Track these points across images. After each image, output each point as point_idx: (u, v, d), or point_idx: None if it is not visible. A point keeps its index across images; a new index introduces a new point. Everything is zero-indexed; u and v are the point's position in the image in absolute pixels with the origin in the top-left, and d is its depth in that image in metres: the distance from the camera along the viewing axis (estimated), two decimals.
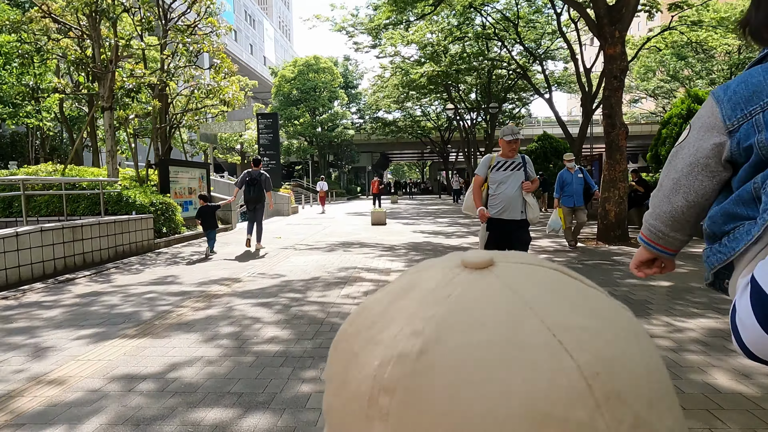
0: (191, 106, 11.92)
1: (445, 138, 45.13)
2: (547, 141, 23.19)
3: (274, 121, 20.08)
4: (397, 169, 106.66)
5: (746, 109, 0.92)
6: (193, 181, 11.93)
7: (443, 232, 12.12)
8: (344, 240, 10.58)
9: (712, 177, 1.01)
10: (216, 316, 4.54)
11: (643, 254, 1.21)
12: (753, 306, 0.79)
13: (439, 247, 9.16)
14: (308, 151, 37.90)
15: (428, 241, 10.23)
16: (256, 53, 69.06)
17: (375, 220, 14.42)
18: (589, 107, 17.21)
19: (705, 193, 1.02)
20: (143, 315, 4.66)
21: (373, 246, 9.50)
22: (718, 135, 0.98)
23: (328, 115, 37.57)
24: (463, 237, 10.89)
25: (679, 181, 1.06)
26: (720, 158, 0.99)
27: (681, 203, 1.06)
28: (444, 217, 17.21)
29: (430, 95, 31.37)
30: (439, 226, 13.87)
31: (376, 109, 43.00)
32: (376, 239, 10.63)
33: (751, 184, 0.91)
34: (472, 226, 13.34)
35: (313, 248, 9.34)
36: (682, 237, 1.13)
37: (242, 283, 6.15)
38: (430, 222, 15.30)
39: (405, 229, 12.82)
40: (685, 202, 1.05)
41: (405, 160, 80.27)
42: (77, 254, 6.93)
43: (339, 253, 8.53)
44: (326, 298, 5.22)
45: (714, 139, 0.99)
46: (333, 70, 38.05)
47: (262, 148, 20.14)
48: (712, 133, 0.99)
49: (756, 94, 0.90)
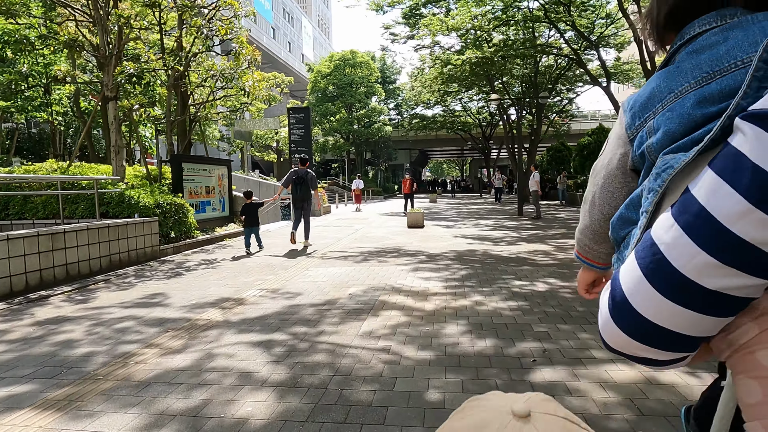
0: (205, 94, 10.85)
1: (487, 134, 43.15)
2: (602, 134, 21.17)
3: (305, 116, 18.97)
4: (435, 167, 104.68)
5: (642, 116, 0.91)
6: (211, 179, 10.88)
7: (489, 237, 10.60)
8: (376, 246, 9.25)
9: (621, 188, 1.02)
10: (184, 368, 3.29)
11: (583, 273, 1.25)
12: (609, 300, 0.81)
13: (487, 259, 7.69)
14: (344, 148, 36.84)
15: (473, 249, 8.77)
16: (295, 51, 68.90)
17: (412, 222, 13.03)
18: None
19: (617, 205, 1.02)
20: (93, 361, 3.47)
21: (408, 255, 8.12)
22: (624, 145, 0.99)
23: (365, 111, 36.36)
24: (513, 244, 9.37)
25: (595, 194, 1.08)
26: (626, 168, 1.00)
27: (597, 216, 1.08)
28: (487, 219, 15.63)
29: (472, 88, 29.63)
30: (482, 229, 12.35)
31: (415, 104, 41.52)
32: (413, 245, 9.25)
33: (640, 188, 0.90)
34: (522, 231, 11.75)
35: (340, 257, 8.05)
36: (607, 249, 1.14)
37: (243, 307, 4.91)
38: (472, 225, 13.79)
39: (445, 233, 11.37)
40: (600, 215, 1.07)
41: (444, 157, 78.39)
42: (58, 266, 5.88)
43: (368, 265, 7.20)
44: (341, 336, 3.89)
45: (621, 149, 0.99)
46: (370, 64, 36.81)
47: (293, 144, 19.09)
48: (619, 143, 1.00)
49: (650, 100, 0.90)
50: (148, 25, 8.52)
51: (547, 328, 3.94)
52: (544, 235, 10.66)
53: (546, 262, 7.21)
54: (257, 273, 6.72)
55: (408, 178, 18.69)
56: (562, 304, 4.71)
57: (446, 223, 14.38)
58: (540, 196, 15.09)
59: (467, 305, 4.72)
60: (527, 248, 8.64)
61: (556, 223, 13.36)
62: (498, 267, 6.84)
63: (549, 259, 7.41)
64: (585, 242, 1.17)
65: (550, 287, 5.46)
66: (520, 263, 7.12)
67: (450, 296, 5.12)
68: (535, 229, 12.03)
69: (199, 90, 12.02)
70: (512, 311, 4.48)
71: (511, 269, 6.64)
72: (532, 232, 11.36)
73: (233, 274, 6.71)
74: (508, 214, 17.18)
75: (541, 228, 12.18)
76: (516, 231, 11.63)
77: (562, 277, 6.01)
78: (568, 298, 4.92)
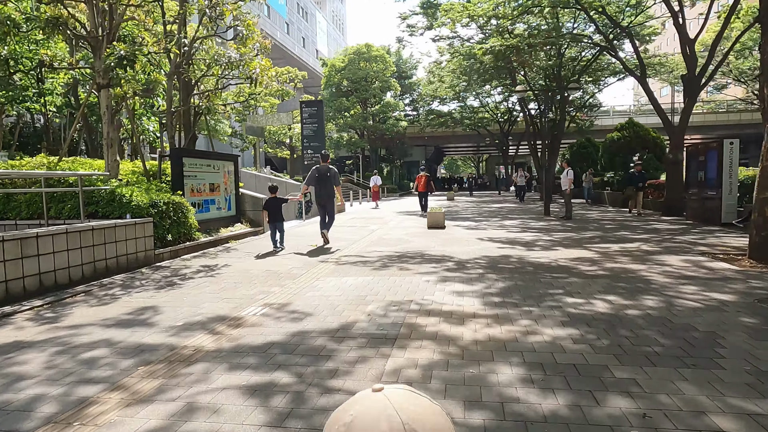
0: (211, 84, 10.00)
1: (505, 129, 41.91)
2: (632, 129, 19.97)
3: (318, 110, 18.10)
4: (450, 164, 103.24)
5: None
6: (217, 176, 10.06)
7: (519, 240, 9.62)
8: (396, 250, 8.33)
9: None
10: (148, 431, 2.41)
11: None
12: None
13: (525, 267, 6.73)
14: (359, 145, 35.93)
15: (505, 254, 7.80)
16: (309, 46, 68.26)
17: (432, 223, 12.09)
18: (695, 86, 14.03)
19: None
20: (37, 412, 2.61)
21: (433, 261, 7.19)
22: None
23: (380, 106, 35.40)
24: (549, 249, 8.39)
25: None
26: None
27: None
28: (512, 219, 14.60)
29: (492, 82, 28.51)
30: (509, 231, 11.35)
31: (432, 99, 40.44)
32: (436, 250, 8.31)
33: None
34: (554, 233, 10.73)
35: (356, 262, 7.15)
36: None
37: (240, 330, 4.03)
38: (497, 225, 12.79)
39: (469, 236, 10.41)
40: None
41: (460, 154, 77.19)
42: (29, 275, 5.06)
43: (388, 274, 6.29)
44: (359, 379, 2.98)
45: None
46: (385, 58, 35.83)
47: (306, 139, 18.24)
48: None
49: None
50: (141, 1, 7.68)
51: (631, 373, 2.99)
52: (581, 238, 9.65)
53: (595, 272, 6.22)
54: (261, 283, 5.85)
55: (423, 174, 16.27)
56: (637, 333, 3.75)
57: (468, 223, 13.41)
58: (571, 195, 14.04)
59: (516, 334, 3.78)
60: (567, 254, 7.65)
61: (589, 225, 12.31)
62: (540, 278, 5.88)
63: (597, 269, 6.42)
64: None
65: (612, 307, 4.49)
66: (565, 273, 6.14)
67: (492, 319, 4.19)
68: (568, 231, 11.01)
69: (204, 79, 11.18)
70: (576, 343, 3.53)
71: (558, 282, 5.68)
72: (566, 234, 10.35)
73: (234, 284, 5.85)
74: (534, 214, 16.14)
75: (574, 230, 11.15)
76: (547, 233, 10.62)
77: (622, 293, 5.03)
78: (641, 325, 3.95)
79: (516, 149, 43.56)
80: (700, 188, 12.22)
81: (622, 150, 19.71)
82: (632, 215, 14.72)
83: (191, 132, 10.69)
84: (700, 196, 12.18)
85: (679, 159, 14.54)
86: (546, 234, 10.45)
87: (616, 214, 15.63)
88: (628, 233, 10.32)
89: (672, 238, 9.36)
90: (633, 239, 9.32)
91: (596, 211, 17.02)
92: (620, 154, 19.79)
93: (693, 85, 13.95)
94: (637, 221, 13.01)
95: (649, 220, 13.41)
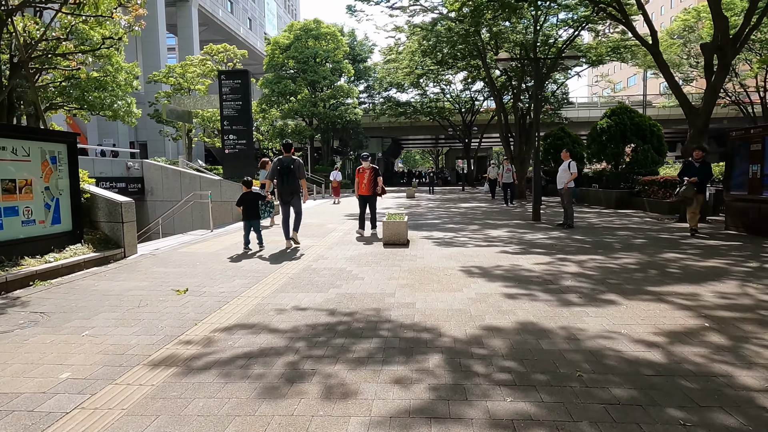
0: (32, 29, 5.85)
1: (468, 120, 38.70)
2: (625, 115, 16.87)
3: (243, 83, 13.90)
4: (407, 158, 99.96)
5: None
6: (23, 167, 5.88)
7: (530, 273, 5.99)
8: (325, 306, 4.50)
9: None
10: None
11: None
12: None
13: (596, 371, 3.07)
14: (306, 133, 31.71)
15: (526, 317, 4.14)
16: (256, 29, 63.06)
17: (390, 237, 8.33)
18: (729, 55, 10.88)
19: None
20: None
21: (399, 350, 3.40)
22: None
23: (331, 90, 31.26)
24: (596, 300, 4.80)
25: None
26: None
27: None
28: (495, 227, 11.03)
29: (459, 62, 24.98)
30: (504, 249, 7.75)
31: (389, 85, 36.65)
32: (400, 303, 4.55)
33: None
34: (573, 256, 7.18)
35: (229, 361, 3.26)
36: None
37: None
38: (480, 238, 9.20)
39: (448, 263, 6.70)
40: None
41: (418, 147, 74.04)
42: None
43: (286, 423, 2.45)
44: None
45: None
46: (337, 36, 31.68)
47: (227, 121, 14.03)
48: None
49: None
50: None
51: None
52: (627, 269, 6.12)
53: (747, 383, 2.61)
54: None
55: (367, 168, 9.48)
56: None
57: (440, 235, 9.72)
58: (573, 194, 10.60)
59: None
60: (640, 315, 4.04)
61: (611, 238, 8.89)
62: (661, 414, 2.20)
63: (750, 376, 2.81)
64: None
65: None
66: (703, 391, 2.49)
67: None
68: (590, 250, 7.50)
69: None
70: None
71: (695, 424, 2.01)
72: (593, 259, 6.82)
73: None
74: (518, 218, 12.68)
75: (598, 249, 7.65)
76: (565, 258, 7.04)
77: None
78: None
79: (479, 142, 40.50)
80: (753, 188, 9.02)
81: (615, 139, 16.61)
82: (680, 225, 10.73)
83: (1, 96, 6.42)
84: (755, 199, 8.98)
85: (704, 149, 11.38)
86: (564, 261, 6.86)
87: (620, 217, 12.40)
88: (692, 256, 6.91)
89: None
90: (715, 272, 5.88)
91: (590, 213, 13.78)
92: (612, 143, 16.69)
93: (727, 53, 10.80)
94: (670, 231, 9.72)
95: (676, 229, 10.17)
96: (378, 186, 9.54)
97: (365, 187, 9.44)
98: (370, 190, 9.46)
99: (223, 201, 13.63)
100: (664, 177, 13.94)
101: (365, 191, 9.47)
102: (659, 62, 12.07)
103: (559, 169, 10.81)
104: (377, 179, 9.50)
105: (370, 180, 9.41)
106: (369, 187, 9.44)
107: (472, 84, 34.40)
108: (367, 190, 9.46)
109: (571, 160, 10.58)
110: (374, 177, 9.44)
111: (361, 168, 9.53)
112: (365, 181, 9.43)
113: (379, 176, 9.51)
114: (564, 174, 10.53)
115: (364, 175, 9.44)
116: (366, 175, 9.43)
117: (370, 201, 9.62)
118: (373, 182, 9.44)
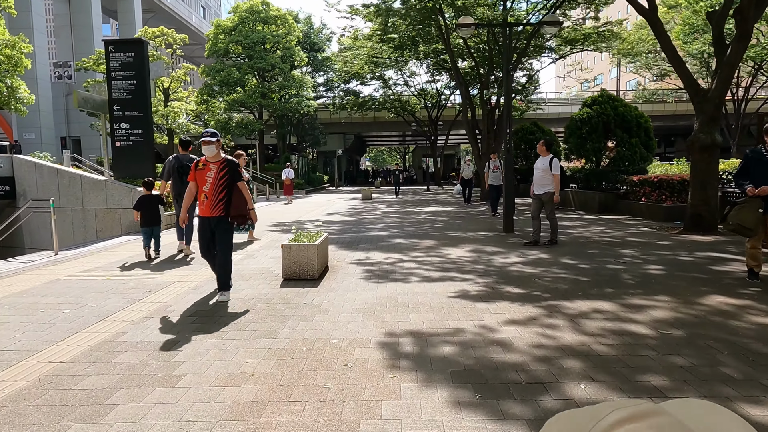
0: None
1: (434, 116, 36.16)
2: (608, 104, 14.46)
3: (138, 57, 10.79)
4: (376, 156, 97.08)
5: None
6: None
7: (509, 353, 3.28)
8: None
9: None
10: None
11: None
12: None
13: None
14: (254, 127, 28.49)
15: None
16: (210, 18, 59.04)
17: (291, 271, 5.47)
18: (750, 19, 8.49)
19: None
20: None
21: None
22: None
23: (282, 79, 28.12)
24: None
25: None
26: None
27: None
28: (457, 243, 8.34)
29: (420, 47, 22.34)
30: (467, 281, 5.04)
31: (348, 77, 33.75)
32: None
33: None
34: (570, 301, 4.48)
35: None
36: None
37: None
38: (433, 255, 6.47)
39: (363, 321, 3.92)
40: None
41: (385, 144, 71.38)
42: None
43: None
44: None
45: None
46: (288, 20, 28.58)
47: (117, 105, 10.90)
48: None
49: None
50: None
51: None
52: (682, 335, 3.46)
53: None
54: None
55: (212, 161, 4.78)
56: None
57: (379, 256, 6.92)
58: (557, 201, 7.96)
59: None
60: None
61: (611, 260, 6.29)
62: None
63: None
64: None
65: None
66: None
67: None
68: (590, 282, 4.85)
69: None
70: None
71: None
72: (606, 305, 4.16)
73: None
74: (487, 230, 10.03)
75: (602, 279, 5.01)
76: (558, 302, 4.36)
77: None
78: None
79: (446, 139, 38.07)
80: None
81: (596, 132, 14.18)
82: (692, 238, 8.85)
83: None
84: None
85: (717, 142, 8.98)
86: (555, 316, 4.15)
87: (609, 226, 9.91)
88: (758, 304, 4.32)
89: None
90: None
91: (570, 220, 11.27)
92: (593, 136, 14.25)
93: (748, 16, 8.39)
94: (684, 248, 7.20)
95: (690, 243, 7.67)
96: (239, 201, 4.81)
97: (208, 202, 4.75)
98: (220, 207, 4.74)
99: (109, 208, 10.52)
100: (659, 176, 11.55)
101: (207, 210, 4.76)
102: (657, 31, 9.61)
103: (534, 167, 8.16)
104: (233, 186, 4.81)
105: (218, 186, 4.74)
106: (215, 202, 4.74)
107: (438, 75, 31.93)
108: (211, 206, 4.74)
109: (552, 156, 7.92)
110: (228, 182, 4.77)
111: (202, 161, 4.84)
112: (208, 189, 4.74)
113: (239, 180, 4.85)
114: (544, 175, 7.86)
115: (206, 176, 4.75)
116: (212, 175, 4.74)
117: (218, 231, 4.77)
118: (224, 191, 4.75)
